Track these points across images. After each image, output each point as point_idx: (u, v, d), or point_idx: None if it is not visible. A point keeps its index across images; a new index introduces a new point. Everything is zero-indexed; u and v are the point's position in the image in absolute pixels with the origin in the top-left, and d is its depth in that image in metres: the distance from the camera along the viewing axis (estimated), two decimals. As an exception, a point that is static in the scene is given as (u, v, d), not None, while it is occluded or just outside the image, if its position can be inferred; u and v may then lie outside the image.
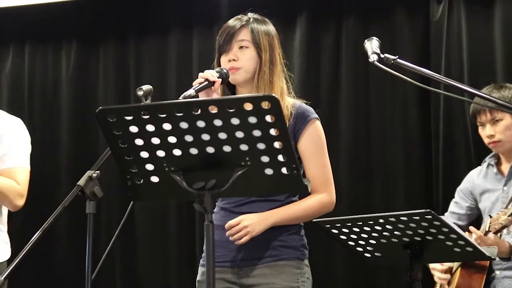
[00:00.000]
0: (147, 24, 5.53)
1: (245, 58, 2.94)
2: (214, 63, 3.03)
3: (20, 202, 3.55)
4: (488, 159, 3.94)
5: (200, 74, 2.84)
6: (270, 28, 3.04)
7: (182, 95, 2.69)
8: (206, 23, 5.32)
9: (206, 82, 2.81)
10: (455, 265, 3.82)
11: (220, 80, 2.85)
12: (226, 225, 2.83)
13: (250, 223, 2.82)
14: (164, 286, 5.34)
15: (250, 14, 3.05)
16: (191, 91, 2.74)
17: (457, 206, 3.99)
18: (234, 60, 2.94)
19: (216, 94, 2.84)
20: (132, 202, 2.30)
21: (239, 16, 3.04)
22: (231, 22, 3.02)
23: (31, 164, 3.62)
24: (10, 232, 3.63)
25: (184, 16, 5.44)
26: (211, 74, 2.83)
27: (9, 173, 3.55)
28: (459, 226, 3.88)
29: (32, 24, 5.66)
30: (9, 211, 3.66)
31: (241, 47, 2.95)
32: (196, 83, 2.80)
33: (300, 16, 5.16)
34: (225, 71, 2.90)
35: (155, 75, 5.43)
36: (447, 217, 3.96)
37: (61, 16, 5.62)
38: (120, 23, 5.58)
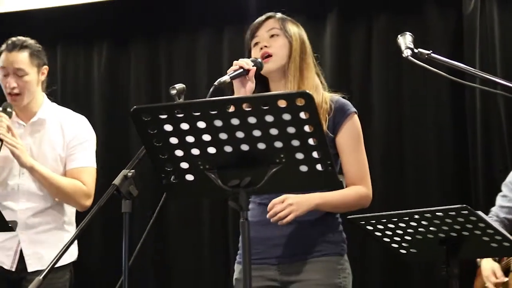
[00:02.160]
0: (178, 23, 5.54)
1: (277, 45, 2.93)
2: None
3: (87, 202, 3.60)
4: None
5: (235, 62, 2.81)
6: (300, 28, 3.03)
7: (216, 81, 2.67)
8: (236, 22, 5.32)
9: (241, 70, 2.79)
10: None
11: (255, 68, 2.83)
12: (270, 204, 2.73)
13: (295, 201, 2.72)
14: (197, 278, 5.35)
15: (277, 12, 3.05)
16: (225, 78, 2.72)
17: (507, 200, 3.94)
18: (266, 46, 2.92)
19: (250, 83, 2.82)
20: (164, 195, 2.29)
21: (267, 13, 3.04)
22: (259, 18, 3.02)
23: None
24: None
25: (214, 15, 5.45)
26: (246, 62, 2.81)
27: (74, 174, 3.61)
28: (511, 219, 3.85)
29: (63, 26, 5.70)
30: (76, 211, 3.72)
31: (272, 36, 2.95)
32: (231, 70, 2.78)
33: (330, 14, 5.14)
34: (259, 60, 2.88)
35: (186, 74, 5.44)
36: (496, 212, 3.91)
37: (92, 17, 5.66)
38: (150, 23, 5.61)
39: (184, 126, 2.06)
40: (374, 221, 2.69)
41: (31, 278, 3.37)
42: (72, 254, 3.61)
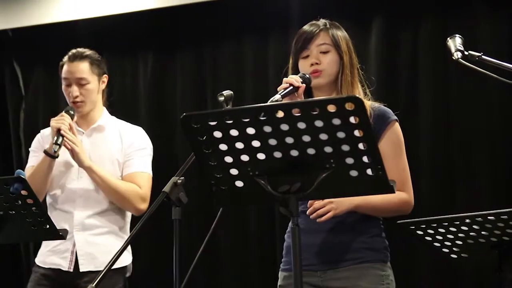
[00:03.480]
0: (222, 31, 5.56)
1: (327, 61, 2.94)
2: (287, 68, 3.03)
3: (143, 205, 3.69)
4: None
5: (285, 80, 2.82)
6: (345, 32, 3.04)
7: (269, 101, 2.68)
8: (281, 28, 5.33)
9: (291, 87, 2.79)
10: None
11: (304, 85, 2.84)
12: (310, 201, 2.75)
13: (336, 200, 2.74)
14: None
15: (323, 20, 3.04)
16: (277, 97, 2.73)
17: None
18: (317, 63, 2.93)
19: (300, 100, 2.83)
20: (221, 209, 2.30)
21: (313, 22, 3.04)
22: (307, 27, 3.01)
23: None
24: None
25: (259, 22, 5.45)
26: (295, 80, 2.82)
27: (131, 178, 3.71)
28: None
29: (108, 36, 5.74)
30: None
31: (322, 51, 2.95)
32: (281, 89, 2.78)
33: (375, 19, 5.11)
34: (307, 76, 2.89)
35: (231, 81, 5.44)
36: None
37: (137, 26, 5.70)
38: (195, 31, 5.63)
39: (233, 132, 2.07)
40: (424, 226, 2.67)
41: (84, 286, 3.44)
42: (122, 261, 3.64)
